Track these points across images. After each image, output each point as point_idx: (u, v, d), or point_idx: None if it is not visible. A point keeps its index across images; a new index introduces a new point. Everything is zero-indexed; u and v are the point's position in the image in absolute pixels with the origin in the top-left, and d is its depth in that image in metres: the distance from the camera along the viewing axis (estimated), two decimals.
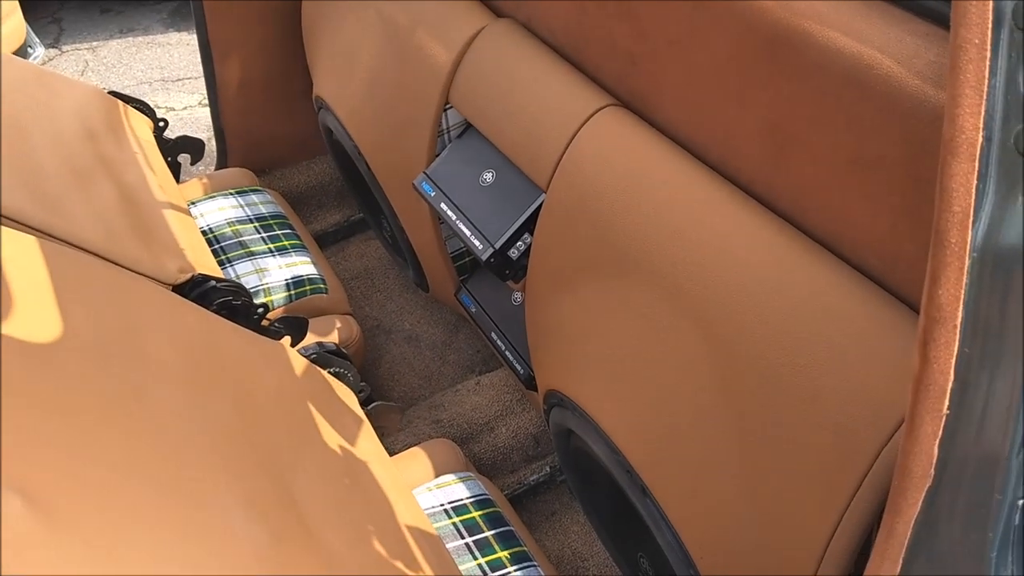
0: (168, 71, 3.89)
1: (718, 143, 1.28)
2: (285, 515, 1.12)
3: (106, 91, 2.13)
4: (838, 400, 1.03)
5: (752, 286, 1.16)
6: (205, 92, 3.82)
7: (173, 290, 1.55)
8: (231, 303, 1.59)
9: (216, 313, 1.48)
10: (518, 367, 1.73)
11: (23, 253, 1.19)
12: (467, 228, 1.59)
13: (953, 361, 0.58)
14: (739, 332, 1.16)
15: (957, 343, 0.58)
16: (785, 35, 1.13)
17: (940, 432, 0.60)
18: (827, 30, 1.08)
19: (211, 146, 2.78)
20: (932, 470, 0.62)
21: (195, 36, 4.10)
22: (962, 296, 0.57)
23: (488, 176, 1.62)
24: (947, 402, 0.59)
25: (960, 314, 0.57)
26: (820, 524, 1.04)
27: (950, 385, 0.59)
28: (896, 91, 1.01)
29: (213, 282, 1.60)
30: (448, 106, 1.72)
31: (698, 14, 1.25)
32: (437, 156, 1.75)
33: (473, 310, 1.90)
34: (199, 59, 2.36)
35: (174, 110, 3.66)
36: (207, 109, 3.62)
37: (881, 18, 1.07)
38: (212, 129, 2.52)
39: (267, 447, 1.19)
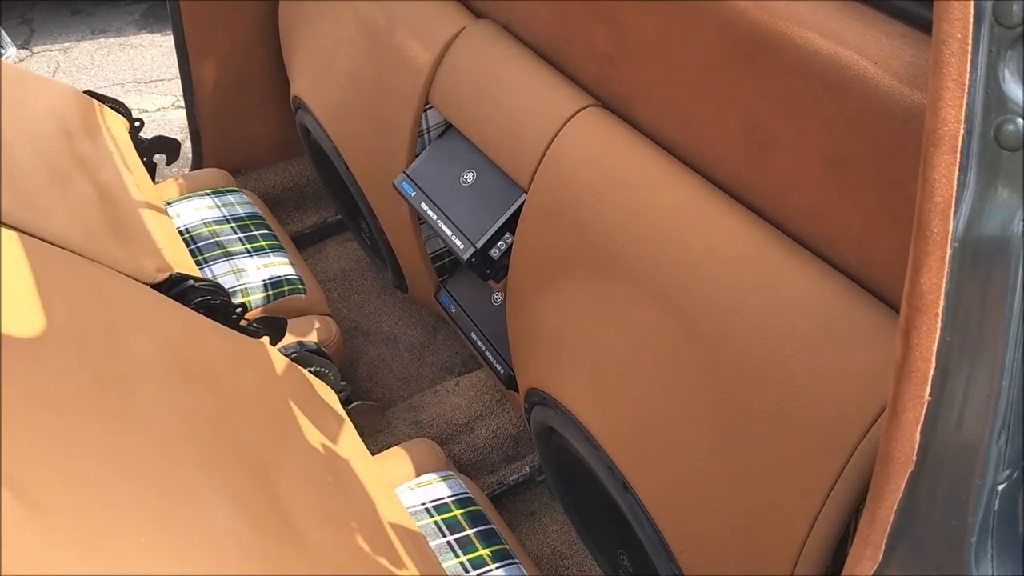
0: (140, 73, 3.86)
1: (698, 143, 1.30)
2: (268, 512, 1.12)
3: (81, 91, 2.11)
4: (816, 395, 1.05)
5: (732, 284, 1.17)
6: (178, 94, 3.79)
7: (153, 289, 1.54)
8: (209, 302, 1.58)
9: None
10: (498, 367, 1.73)
11: (2, 249, 1.18)
12: (448, 228, 1.59)
13: (935, 349, 0.60)
14: (719, 330, 1.17)
15: (939, 331, 0.59)
16: (763, 36, 1.14)
17: (922, 418, 0.62)
18: (805, 31, 1.10)
19: (186, 147, 2.76)
20: (914, 456, 0.63)
21: (168, 38, 4.09)
22: (944, 285, 0.58)
23: (469, 176, 1.63)
24: (929, 389, 0.61)
25: (942, 302, 0.59)
26: (800, 517, 1.06)
27: (932, 372, 0.60)
28: (872, 91, 1.03)
29: (191, 281, 1.59)
30: (428, 106, 1.72)
31: (676, 16, 1.27)
32: (417, 156, 1.76)
33: (453, 311, 1.90)
34: (172, 61, 2.34)
35: (147, 112, 3.62)
36: (181, 111, 3.59)
37: (858, 19, 1.09)
38: (186, 131, 2.50)
39: (249, 444, 1.18)
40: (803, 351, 1.08)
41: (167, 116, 3.60)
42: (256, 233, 2.07)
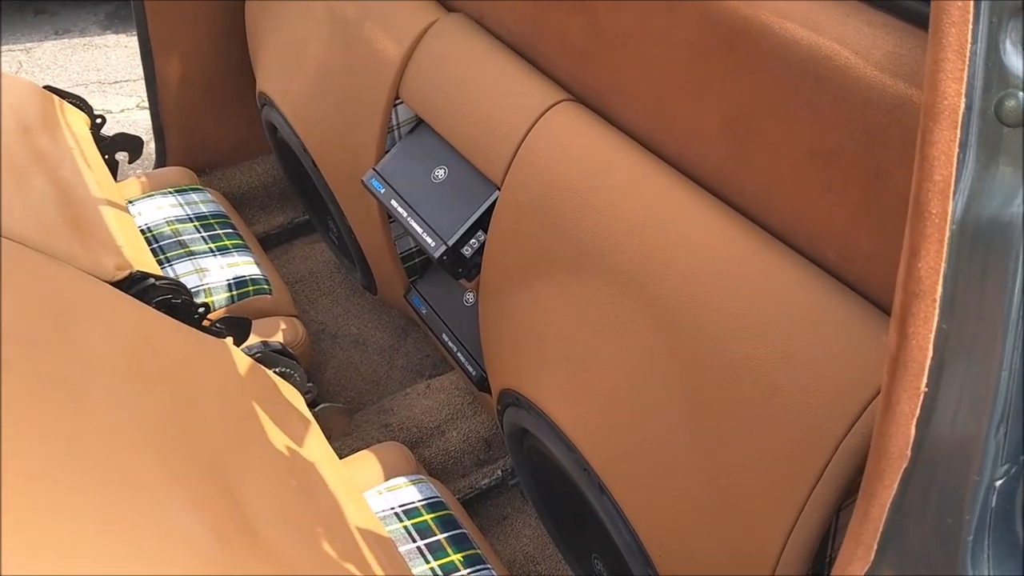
0: (105, 73, 3.80)
1: (676, 138, 1.27)
2: (229, 517, 1.08)
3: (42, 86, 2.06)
4: (797, 393, 1.02)
5: (711, 281, 1.15)
6: (143, 95, 3.73)
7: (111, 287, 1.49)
8: (170, 302, 1.53)
9: None
10: (470, 368, 1.69)
11: None
12: (419, 225, 1.55)
13: (932, 337, 0.57)
14: (697, 327, 1.14)
15: (936, 318, 0.57)
16: (743, 27, 1.12)
17: (918, 411, 0.59)
18: (784, 22, 1.08)
19: (150, 148, 2.70)
20: (908, 451, 0.60)
21: (133, 38, 4.01)
22: (942, 269, 0.56)
23: (440, 173, 1.59)
24: (925, 380, 0.58)
25: (939, 288, 0.56)
26: (779, 518, 1.03)
27: (928, 362, 0.58)
28: (854, 82, 1.01)
29: (152, 280, 1.54)
30: (398, 101, 1.68)
31: (653, 8, 1.24)
32: (387, 153, 1.72)
33: (424, 311, 1.86)
34: (138, 61, 2.30)
35: (111, 113, 3.56)
36: (146, 112, 3.53)
37: (838, 9, 1.06)
38: (151, 133, 2.45)
39: (210, 447, 1.14)
40: (782, 349, 1.05)
41: (132, 117, 3.54)
42: (220, 232, 2.02)
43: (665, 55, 1.25)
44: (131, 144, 2.23)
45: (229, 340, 1.52)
